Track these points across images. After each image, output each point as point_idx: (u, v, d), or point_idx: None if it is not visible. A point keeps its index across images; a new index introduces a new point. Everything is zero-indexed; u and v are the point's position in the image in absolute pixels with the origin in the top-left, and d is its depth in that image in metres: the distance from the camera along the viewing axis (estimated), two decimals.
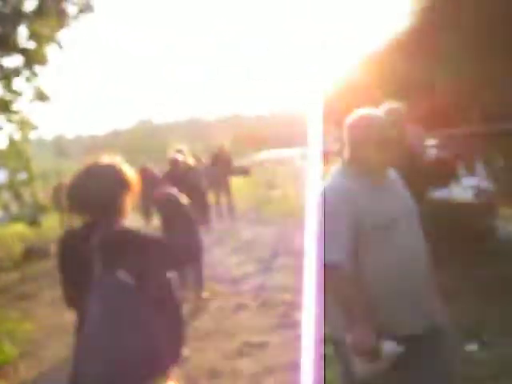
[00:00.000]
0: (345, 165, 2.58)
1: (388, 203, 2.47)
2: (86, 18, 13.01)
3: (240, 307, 5.94)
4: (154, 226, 9.72)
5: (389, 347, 2.24)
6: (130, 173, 2.43)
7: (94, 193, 2.31)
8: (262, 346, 4.83)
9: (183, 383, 3.84)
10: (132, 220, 2.48)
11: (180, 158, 5.73)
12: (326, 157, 12.49)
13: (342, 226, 2.36)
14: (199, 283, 6.20)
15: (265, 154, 21.82)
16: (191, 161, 5.91)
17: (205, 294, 6.25)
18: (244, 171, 13.92)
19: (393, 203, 2.49)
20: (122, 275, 2.19)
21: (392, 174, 2.64)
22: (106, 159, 2.43)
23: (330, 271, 2.36)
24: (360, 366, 2.27)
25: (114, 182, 2.36)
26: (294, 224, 9.31)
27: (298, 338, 4.76)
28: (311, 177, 4.05)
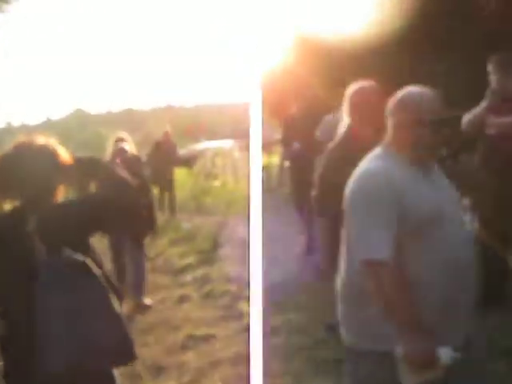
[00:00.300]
0: (386, 148, 2.22)
1: (435, 195, 2.15)
2: (17, 2, 12.56)
3: (183, 299, 5.79)
4: None
5: (445, 354, 2.00)
6: (66, 155, 2.26)
7: (26, 174, 2.14)
8: (206, 338, 4.70)
9: (126, 379, 3.70)
10: None
11: (126, 146, 5.42)
12: (268, 147, 12.40)
13: (385, 217, 2.03)
14: (139, 285, 5.62)
15: (202, 145, 21.59)
16: (133, 149, 5.60)
17: (147, 301, 5.67)
18: (188, 162, 12.82)
19: (439, 195, 2.17)
20: (70, 253, 2.04)
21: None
22: (40, 139, 2.25)
23: (372, 269, 2.01)
24: (413, 378, 1.99)
25: (48, 163, 2.19)
26: (234, 215, 9.22)
27: (243, 329, 4.69)
28: (252, 167, 3.97)
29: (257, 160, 3.96)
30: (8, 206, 2.26)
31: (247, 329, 4.74)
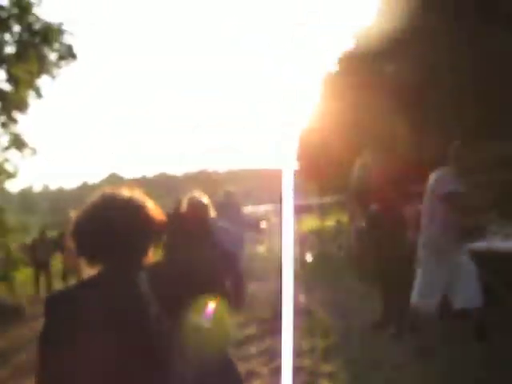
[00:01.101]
0: None
1: None
2: (67, 65, 12.71)
3: (251, 375, 5.26)
4: None
5: None
6: (156, 210, 1.92)
7: (115, 232, 1.79)
8: None
9: None
10: None
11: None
12: (321, 211, 11.90)
13: None
14: None
15: (247, 210, 21.47)
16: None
17: None
18: (257, 227, 11.18)
19: None
20: (197, 316, 1.91)
21: None
22: (125, 192, 1.91)
23: None
24: None
25: (139, 218, 1.85)
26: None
27: None
28: (286, 232, 3.68)
29: (289, 225, 3.80)
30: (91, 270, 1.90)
31: None
